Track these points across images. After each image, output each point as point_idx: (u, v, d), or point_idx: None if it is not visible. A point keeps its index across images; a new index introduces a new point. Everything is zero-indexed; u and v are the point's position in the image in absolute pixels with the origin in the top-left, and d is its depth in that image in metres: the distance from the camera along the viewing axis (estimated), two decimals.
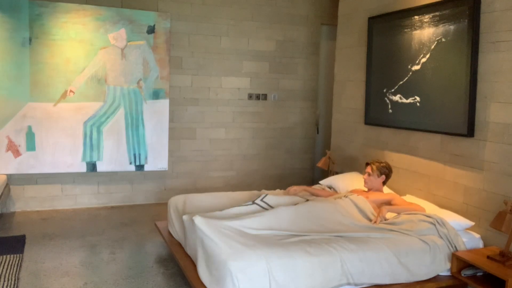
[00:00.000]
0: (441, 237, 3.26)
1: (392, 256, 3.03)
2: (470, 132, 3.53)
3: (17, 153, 4.85)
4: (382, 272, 3.00)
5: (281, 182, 6.14)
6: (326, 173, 5.54)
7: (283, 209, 3.35)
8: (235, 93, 5.92)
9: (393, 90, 4.35)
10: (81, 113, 5.03)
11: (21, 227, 4.57)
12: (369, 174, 3.90)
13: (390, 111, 4.39)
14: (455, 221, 3.41)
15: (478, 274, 3.15)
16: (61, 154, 5.00)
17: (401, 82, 4.25)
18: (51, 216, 4.97)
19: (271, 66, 6.05)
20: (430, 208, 3.66)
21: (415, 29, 4.06)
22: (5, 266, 3.51)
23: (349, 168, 4.99)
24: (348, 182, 4.39)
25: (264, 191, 4.30)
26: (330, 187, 4.51)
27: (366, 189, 4.01)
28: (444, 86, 3.76)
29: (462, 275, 3.14)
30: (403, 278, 3.07)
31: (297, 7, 6.11)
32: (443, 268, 3.19)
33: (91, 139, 5.10)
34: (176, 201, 3.92)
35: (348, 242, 3.06)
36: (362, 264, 2.96)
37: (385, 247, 3.06)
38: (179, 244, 3.58)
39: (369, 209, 3.63)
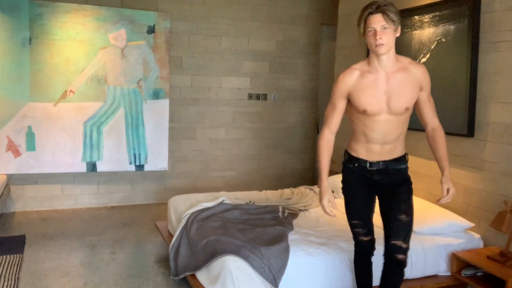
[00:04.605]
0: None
1: None
2: (470, 132, 3.53)
3: (17, 153, 4.85)
4: None
5: (281, 182, 6.13)
6: None
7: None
8: (235, 93, 5.92)
9: None
10: (81, 113, 5.03)
11: (21, 227, 4.57)
12: (384, 27, 2.30)
13: None
14: (455, 221, 3.40)
15: (478, 274, 3.15)
16: (61, 154, 5.00)
17: None
18: (51, 216, 4.97)
19: (271, 66, 6.05)
20: (430, 208, 3.66)
21: (415, 29, 4.05)
22: (5, 266, 3.51)
23: None
24: None
25: (265, 191, 4.31)
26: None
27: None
28: (444, 86, 3.75)
29: (462, 275, 3.14)
30: None
31: (297, 7, 6.11)
32: None
33: (91, 139, 5.10)
34: (176, 201, 3.93)
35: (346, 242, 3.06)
36: None
37: None
38: None
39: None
